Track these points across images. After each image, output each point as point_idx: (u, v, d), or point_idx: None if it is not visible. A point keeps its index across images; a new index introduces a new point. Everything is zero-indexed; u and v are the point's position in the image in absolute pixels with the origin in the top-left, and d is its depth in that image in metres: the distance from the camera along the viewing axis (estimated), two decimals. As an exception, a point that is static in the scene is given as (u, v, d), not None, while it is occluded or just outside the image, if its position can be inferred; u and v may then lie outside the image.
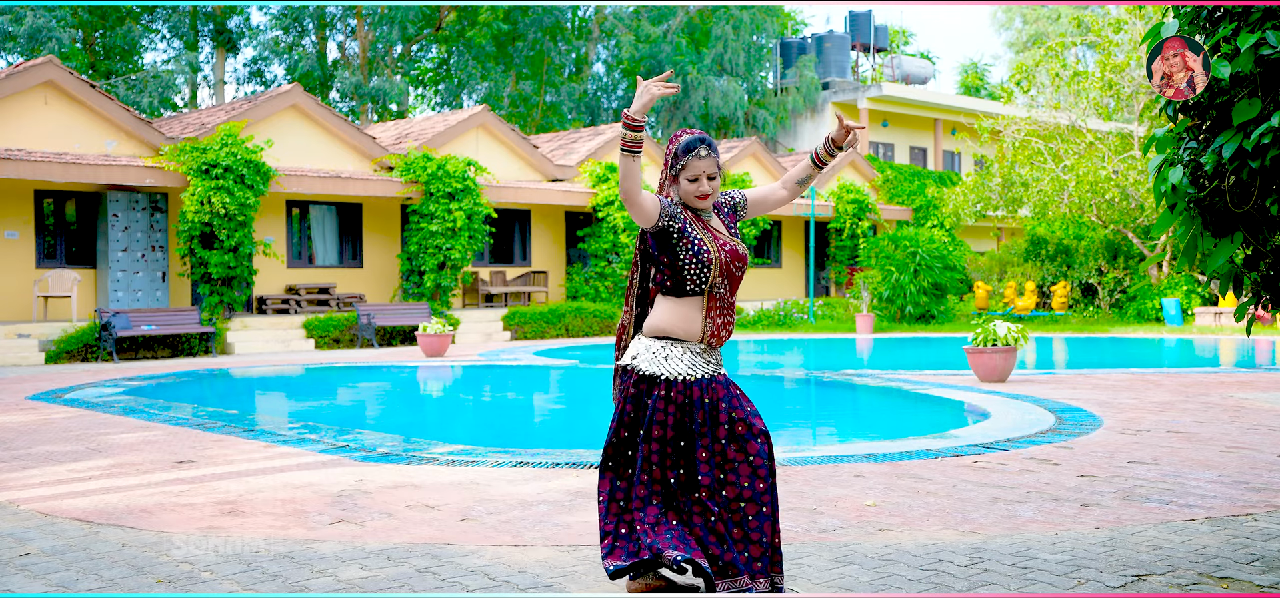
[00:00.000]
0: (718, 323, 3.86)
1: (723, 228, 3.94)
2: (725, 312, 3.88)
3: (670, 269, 3.81)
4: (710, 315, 3.85)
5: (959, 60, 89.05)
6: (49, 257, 18.34)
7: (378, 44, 37.74)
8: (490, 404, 12.56)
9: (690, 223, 3.81)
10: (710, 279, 3.80)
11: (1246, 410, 9.02)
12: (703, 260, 3.78)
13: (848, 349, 19.15)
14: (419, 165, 20.56)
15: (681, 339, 3.84)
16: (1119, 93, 24.08)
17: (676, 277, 3.80)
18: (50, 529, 5.19)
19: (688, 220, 3.81)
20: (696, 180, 3.83)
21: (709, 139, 3.88)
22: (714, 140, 3.94)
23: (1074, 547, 4.61)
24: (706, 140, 3.86)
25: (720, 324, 3.87)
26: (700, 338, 3.85)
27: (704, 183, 3.84)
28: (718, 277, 3.82)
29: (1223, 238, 3.91)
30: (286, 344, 18.63)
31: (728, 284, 3.87)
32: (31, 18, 28.74)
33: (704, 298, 3.84)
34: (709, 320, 3.85)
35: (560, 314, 21.55)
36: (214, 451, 7.51)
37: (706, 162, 3.82)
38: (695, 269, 3.78)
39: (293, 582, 4.23)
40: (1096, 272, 25.47)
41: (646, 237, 3.91)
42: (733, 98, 37.87)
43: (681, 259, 3.78)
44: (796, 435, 9.67)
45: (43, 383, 12.78)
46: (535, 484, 6.08)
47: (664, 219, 3.75)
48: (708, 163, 3.83)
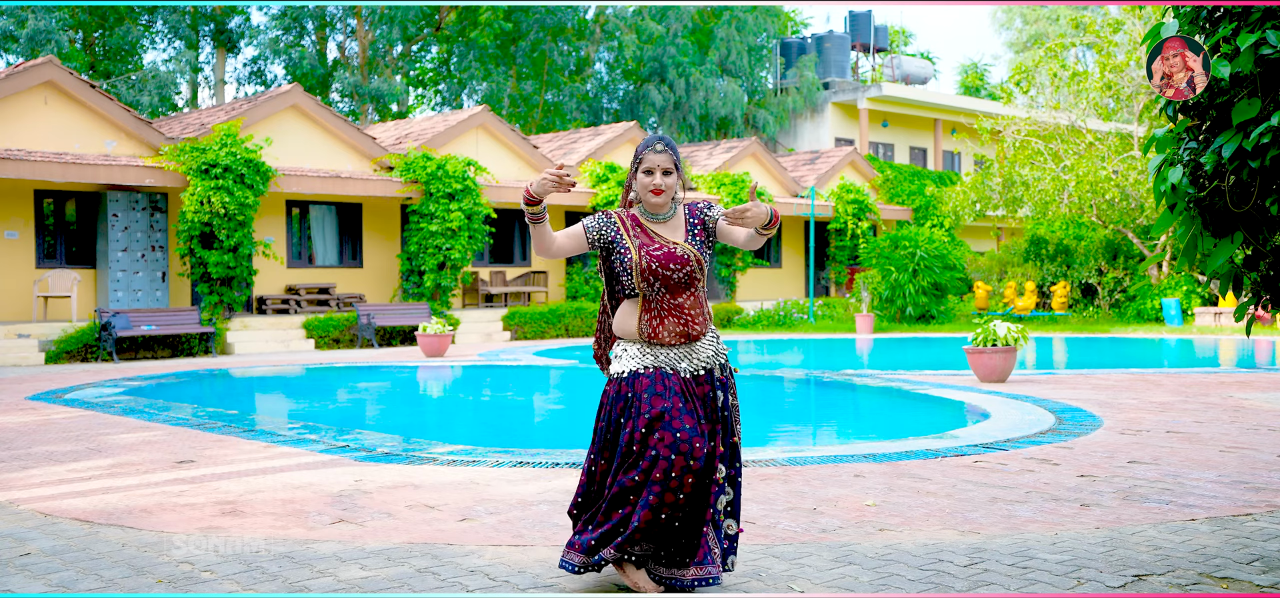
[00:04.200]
0: (656, 324, 3.98)
1: (670, 232, 4.05)
2: (670, 312, 3.98)
3: (608, 276, 4.08)
4: (646, 316, 3.99)
5: (959, 60, 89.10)
6: (49, 257, 18.34)
7: (378, 44, 37.73)
8: (490, 404, 12.56)
9: (623, 233, 4.01)
10: (633, 282, 3.98)
11: (1246, 410, 9.02)
12: (626, 266, 3.98)
13: (848, 349, 19.16)
14: (419, 165, 20.56)
15: (625, 339, 4.06)
16: (1119, 93, 24.08)
17: (614, 281, 4.06)
18: (50, 529, 5.19)
19: (621, 231, 4.02)
20: (651, 173, 4.00)
21: (667, 139, 4.06)
22: (675, 143, 4.10)
23: (1074, 547, 4.61)
24: (664, 139, 4.04)
25: (659, 325, 3.98)
26: (638, 337, 4.00)
27: (657, 177, 3.99)
28: (640, 281, 3.96)
29: (1223, 238, 3.91)
30: (286, 344, 18.63)
31: (661, 287, 3.98)
32: (32, 20, 28.74)
33: (640, 299, 4.01)
34: (645, 321, 3.99)
35: (560, 314, 21.56)
36: (214, 451, 7.51)
37: (660, 157, 3.99)
38: (625, 274, 4.00)
39: (293, 582, 4.23)
40: (1096, 272, 25.47)
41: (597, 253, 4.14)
42: (733, 98, 37.87)
43: (615, 268, 4.03)
44: (796, 436, 9.68)
45: (43, 383, 12.78)
46: (535, 484, 6.08)
47: (593, 239, 4.01)
48: (662, 159, 3.99)
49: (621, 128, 26.49)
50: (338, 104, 36.94)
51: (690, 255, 4.00)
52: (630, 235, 4.00)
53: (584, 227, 4.00)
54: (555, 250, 3.94)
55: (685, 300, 4.00)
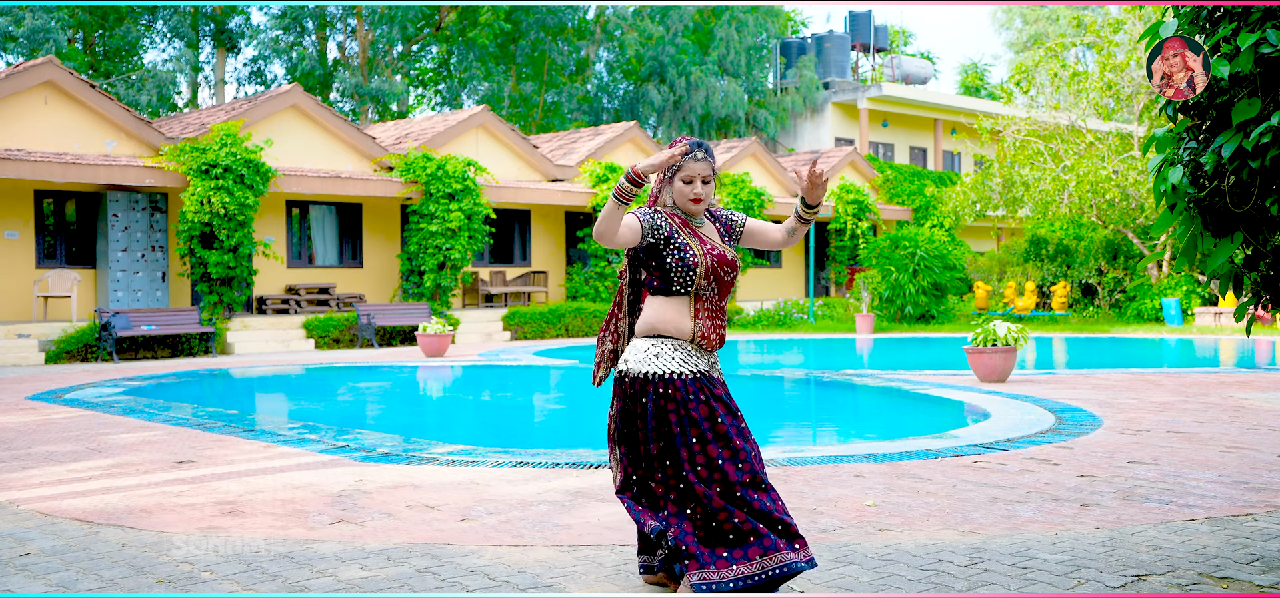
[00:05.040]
0: (708, 325, 3.93)
1: (714, 235, 4.01)
2: (714, 315, 3.96)
3: (658, 272, 3.91)
4: (698, 316, 3.92)
5: (959, 60, 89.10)
6: (49, 257, 18.34)
7: (378, 44, 37.73)
8: (490, 404, 12.56)
9: (676, 229, 3.90)
10: (696, 281, 3.89)
11: (1246, 410, 9.02)
12: (688, 264, 3.87)
13: (847, 349, 19.15)
14: (419, 165, 20.57)
15: (671, 337, 3.90)
16: (1119, 93, 24.08)
17: (665, 279, 3.90)
18: (50, 529, 5.19)
19: (674, 228, 3.90)
20: (691, 182, 3.92)
21: (706, 145, 3.99)
22: (711, 147, 4.00)
23: (1074, 547, 4.61)
24: (703, 145, 3.97)
25: (710, 327, 3.93)
26: (690, 337, 3.91)
27: (698, 185, 3.93)
28: (703, 280, 3.91)
29: (1223, 238, 3.91)
30: (286, 344, 18.63)
31: (715, 288, 3.95)
32: (30, 19, 28.73)
33: (691, 298, 3.92)
34: (698, 322, 3.91)
35: (560, 314, 21.56)
36: (214, 451, 7.51)
37: (702, 165, 3.92)
38: (681, 272, 3.88)
39: (293, 582, 4.23)
40: (1096, 272, 25.47)
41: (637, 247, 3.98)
42: (733, 98, 37.87)
43: (669, 263, 3.87)
44: (796, 435, 9.68)
45: (43, 383, 12.78)
46: (535, 484, 6.08)
47: (648, 235, 3.84)
48: (703, 166, 3.92)
49: (621, 128, 26.48)
50: (338, 104, 36.93)
51: (737, 260, 4.02)
52: (685, 234, 3.92)
53: (639, 217, 3.82)
54: (616, 236, 3.74)
55: (724, 304, 4.02)
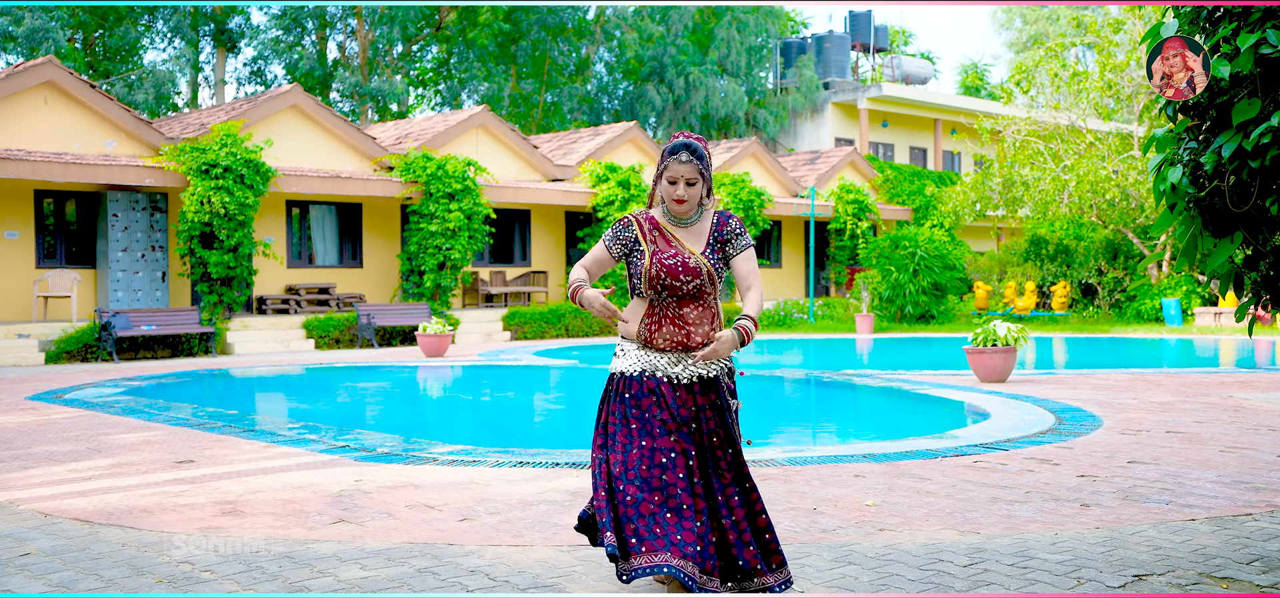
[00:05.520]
0: (664, 328, 3.92)
1: (691, 239, 3.98)
2: (676, 320, 3.93)
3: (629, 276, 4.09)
4: (650, 319, 3.95)
5: (959, 60, 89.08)
6: (49, 257, 18.34)
7: (378, 44, 37.72)
8: (490, 404, 12.56)
9: (642, 240, 3.97)
10: (642, 288, 3.96)
11: (1246, 410, 9.02)
12: (637, 271, 3.98)
13: (848, 349, 19.15)
14: (419, 165, 20.56)
15: (628, 338, 4.03)
16: (1119, 93, 24.08)
17: (631, 282, 4.06)
18: (50, 529, 5.19)
19: (640, 238, 3.98)
20: (674, 183, 3.95)
21: (694, 146, 3.94)
22: (704, 150, 3.97)
23: (1074, 547, 4.61)
24: (690, 146, 3.93)
25: (671, 330, 3.92)
26: (637, 338, 3.98)
27: (681, 187, 3.93)
28: (647, 288, 3.94)
29: (1223, 238, 3.91)
30: (286, 344, 18.63)
31: (668, 295, 3.94)
32: (30, 19, 28.73)
33: (646, 303, 3.97)
34: (647, 323, 3.96)
35: (560, 314, 21.55)
36: (214, 451, 7.51)
37: (685, 167, 3.91)
38: (634, 277, 4.01)
39: (293, 582, 4.23)
40: (1096, 272, 25.47)
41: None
42: (733, 98, 37.86)
43: (631, 269, 4.03)
44: (796, 435, 9.68)
45: (43, 383, 12.78)
46: (535, 484, 6.08)
47: (617, 253, 4.02)
48: (686, 169, 3.91)
49: (621, 128, 26.48)
50: (338, 104, 36.93)
51: (702, 267, 3.93)
52: (647, 240, 3.97)
53: (606, 246, 4.03)
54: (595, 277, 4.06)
55: (691, 311, 3.94)
